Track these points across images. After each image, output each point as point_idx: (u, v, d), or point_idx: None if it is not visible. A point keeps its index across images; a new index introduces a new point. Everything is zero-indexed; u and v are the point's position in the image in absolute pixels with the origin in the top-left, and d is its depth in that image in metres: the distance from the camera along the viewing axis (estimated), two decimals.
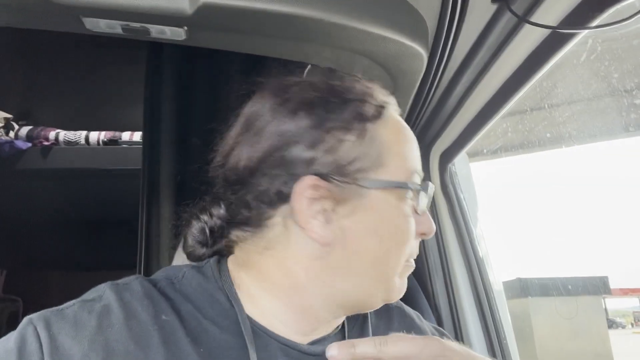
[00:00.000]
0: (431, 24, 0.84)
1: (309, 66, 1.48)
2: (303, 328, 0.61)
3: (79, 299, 0.57)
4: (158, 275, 0.63)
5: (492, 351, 1.14)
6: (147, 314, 0.55)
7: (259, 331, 0.58)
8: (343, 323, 0.66)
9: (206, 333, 0.56)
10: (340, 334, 0.65)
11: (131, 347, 0.52)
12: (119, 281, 0.60)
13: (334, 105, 0.59)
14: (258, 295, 0.60)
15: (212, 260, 0.64)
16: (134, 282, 0.59)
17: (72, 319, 0.53)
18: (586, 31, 0.74)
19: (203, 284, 0.60)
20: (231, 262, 0.64)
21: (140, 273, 1.66)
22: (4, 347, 0.50)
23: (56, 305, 0.57)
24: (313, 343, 0.61)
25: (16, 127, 2.28)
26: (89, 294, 0.58)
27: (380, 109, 0.61)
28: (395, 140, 0.61)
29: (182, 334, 0.54)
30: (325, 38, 0.80)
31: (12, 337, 0.51)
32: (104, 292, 0.57)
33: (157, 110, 1.60)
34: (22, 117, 2.43)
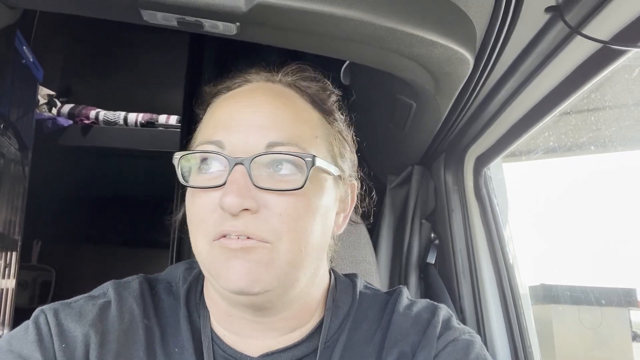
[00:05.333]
0: (480, 29, 0.83)
1: (347, 62, 1.49)
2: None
3: (86, 295, 0.66)
4: (162, 275, 0.72)
5: (516, 357, 1.15)
6: (138, 312, 0.64)
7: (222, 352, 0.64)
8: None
9: (179, 336, 0.64)
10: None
11: (121, 336, 0.62)
12: (122, 280, 0.69)
13: None
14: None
15: None
16: (134, 281, 0.68)
17: (77, 309, 0.63)
18: (637, 49, 0.73)
19: (187, 294, 0.68)
20: None
21: (173, 252, 1.71)
22: (24, 332, 0.60)
23: (88, 277, 0.64)
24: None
25: (58, 104, 2.35)
26: (95, 291, 0.68)
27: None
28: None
29: (158, 338, 0.63)
30: (374, 40, 0.81)
31: (28, 324, 0.61)
32: (107, 289, 0.67)
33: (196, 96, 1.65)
34: (63, 95, 2.51)
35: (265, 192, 0.57)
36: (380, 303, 0.71)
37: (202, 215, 0.58)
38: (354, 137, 0.75)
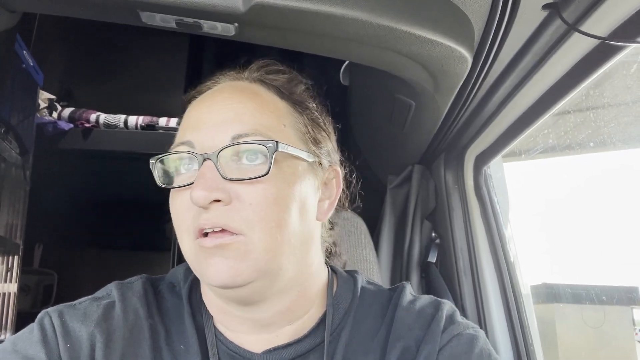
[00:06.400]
0: (478, 27, 0.84)
1: (346, 62, 1.50)
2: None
3: (90, 296, 0.67)
4: (165, 276, 0.73)
5: (518, 356, 1.14)
6: (142, 311, 0.65)
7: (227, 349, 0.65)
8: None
9: (183, 334, 0.65)
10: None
11: (127, 335, 0.62)
12: (126, 281, 0.70)
13: None
14: None
15: None
16: (137, 282, 0.69)
17: (82, 310, 0.64)
18: (636, 45, 0.73)
19: (190, 293, 0.69)
20: None
21: (174, 255, 1.71)
22: (29, 333, 0.61)
23: (90, 280, 0.65)
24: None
25: (59, 107, 2.36)
26: (99, 293, 0.68)
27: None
28: None
29: (163, 336, 0.64)
30: (372, 39, 0.81)
31: (33, 326, 0.62)
32: (111, 290, 0.68)
33: None
34: (63, 98, 2.52)
35: (234, 183, 0.58)
36: (383, 299, 0.71)
37: (181, 214, 0.60)
38: (333, 124, 0.76)
